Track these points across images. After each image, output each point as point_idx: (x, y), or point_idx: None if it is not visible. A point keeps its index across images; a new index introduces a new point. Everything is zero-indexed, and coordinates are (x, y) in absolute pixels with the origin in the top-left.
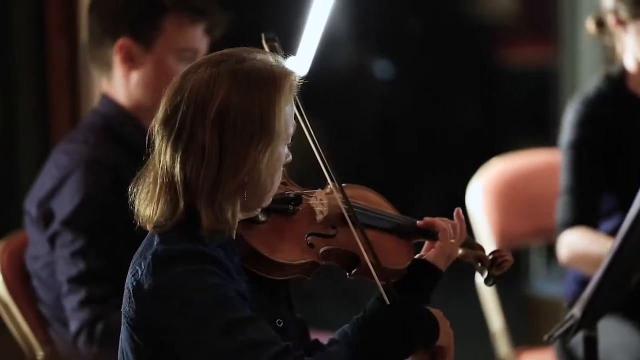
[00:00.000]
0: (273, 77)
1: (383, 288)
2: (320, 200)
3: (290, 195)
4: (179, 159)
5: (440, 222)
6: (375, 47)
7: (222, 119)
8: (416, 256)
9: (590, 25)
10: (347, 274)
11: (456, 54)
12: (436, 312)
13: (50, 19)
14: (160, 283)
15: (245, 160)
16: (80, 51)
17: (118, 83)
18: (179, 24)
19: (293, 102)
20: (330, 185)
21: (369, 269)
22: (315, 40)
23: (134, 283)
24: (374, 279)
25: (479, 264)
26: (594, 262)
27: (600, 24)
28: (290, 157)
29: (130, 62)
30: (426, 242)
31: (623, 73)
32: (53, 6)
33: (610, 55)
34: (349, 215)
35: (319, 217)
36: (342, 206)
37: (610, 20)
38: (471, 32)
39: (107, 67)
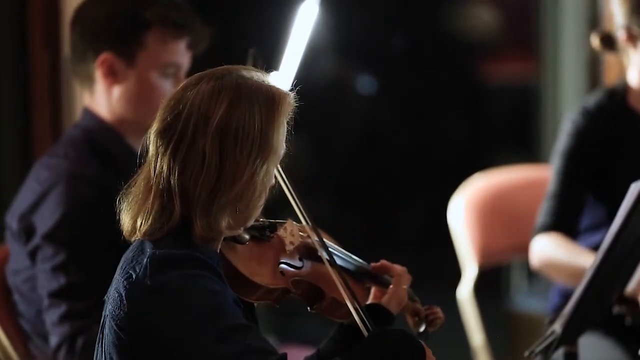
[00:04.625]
0: (273, 95)
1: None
2: (291, 231)
3: (265, 222)
4: (177, 166)
5: (397, 267)
6: (358, 63)
7: (225, 129)
8: (368, 302)
9: (594, 41)
10: (309, 307)
11: (439, 70)
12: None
13: (33, 33)
14: (158, 284)
15: (243, 171)
16: (62, 65)
17: (100, 97)
18: (161, 39)
19: (286, 124)
20: (303, 222)
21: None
22: (298, 55)
23: (127, 286)
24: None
25: (417, 318)
26: (562, 270)
27: (606, 39)
28: (274, 181)
29: (113, 76)
30: (373, 289)
31: (626, 88)
32: (35, 20)
33: (600, 72)
34: (321, 246)
35: (289, 248)
36: (317, 243)
37: (621, 35)
38: (454, 49)
39: (89, 81)
